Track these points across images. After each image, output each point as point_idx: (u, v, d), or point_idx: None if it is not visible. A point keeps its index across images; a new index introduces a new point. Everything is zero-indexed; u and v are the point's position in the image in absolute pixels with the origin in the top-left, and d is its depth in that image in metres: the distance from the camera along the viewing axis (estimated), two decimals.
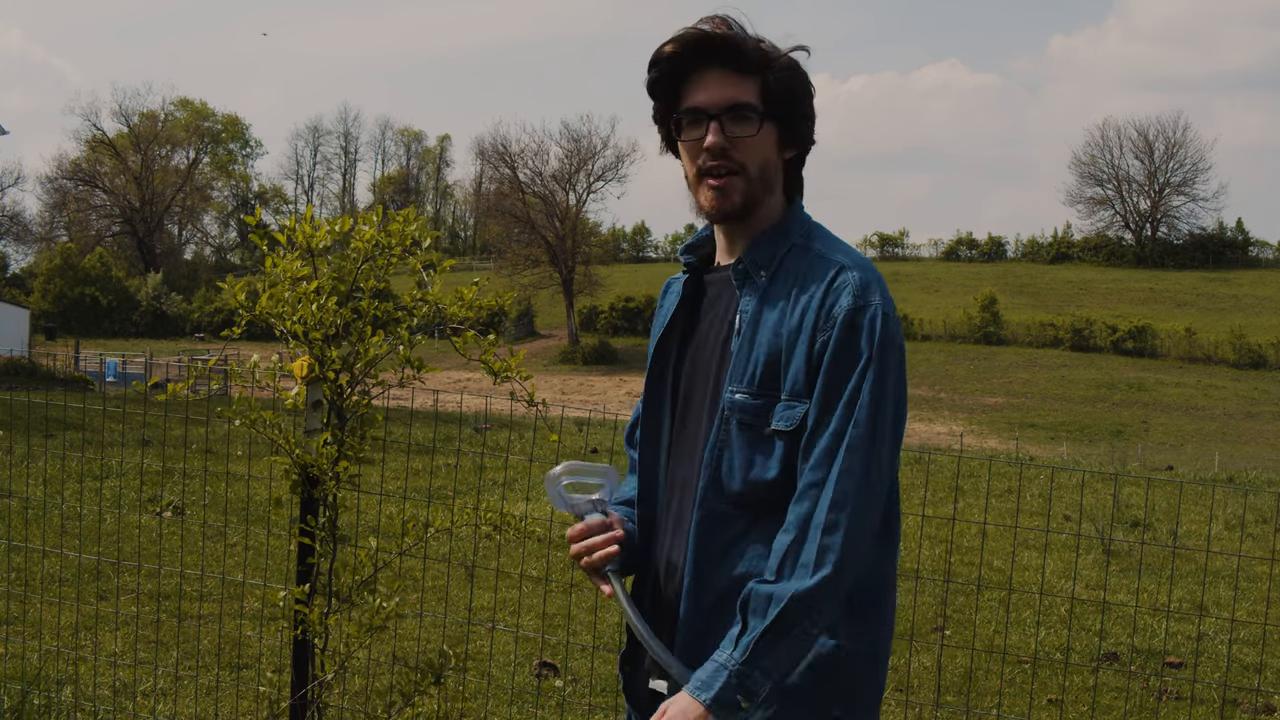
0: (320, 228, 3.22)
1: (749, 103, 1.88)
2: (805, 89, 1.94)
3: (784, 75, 1.90)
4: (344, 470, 3.22)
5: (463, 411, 22.52)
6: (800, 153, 1.98)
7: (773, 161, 1.93)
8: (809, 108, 1.95)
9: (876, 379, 1.78)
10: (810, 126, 1.97)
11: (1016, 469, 17.12)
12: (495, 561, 8.35)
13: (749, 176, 1.90)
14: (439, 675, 3.32)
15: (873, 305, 1.80)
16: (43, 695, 4.65)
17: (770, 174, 1.93)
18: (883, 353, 1.79)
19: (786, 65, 1.91)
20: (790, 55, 1.92)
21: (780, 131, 1.92)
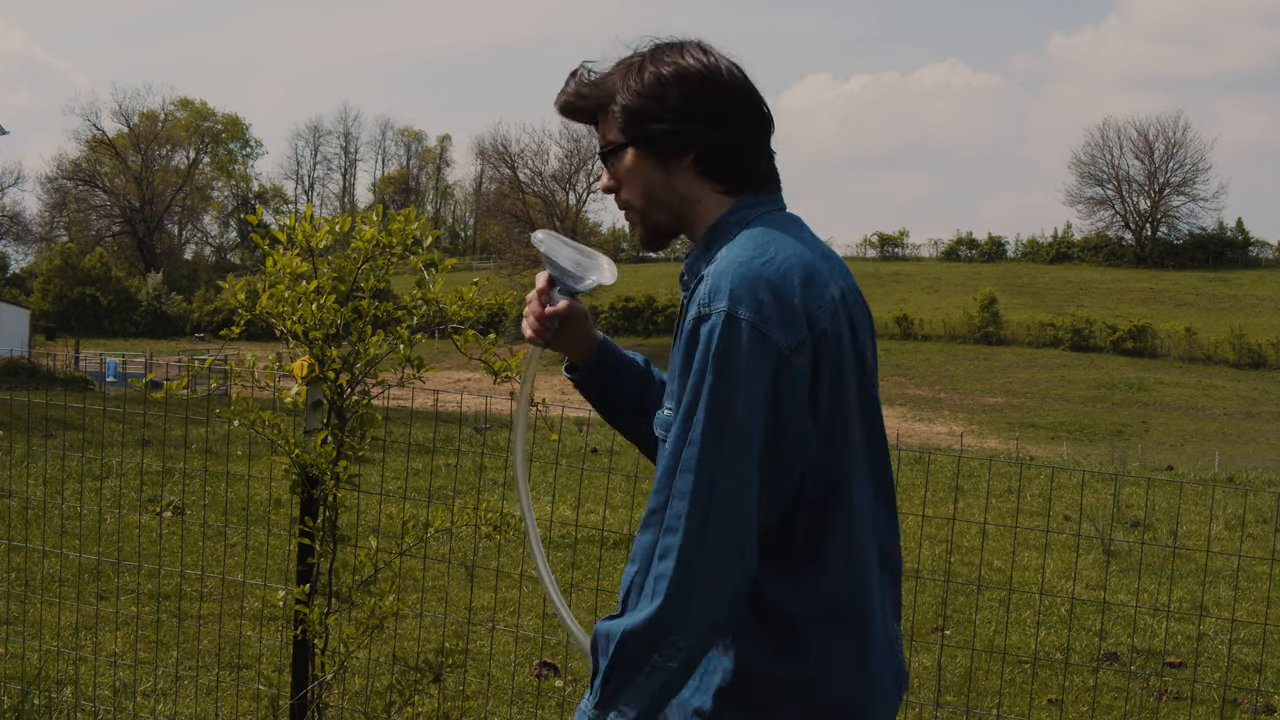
0: (320, 227, 3.22)
1: (610, 140, 1.86)
2: (666, 94, 1.80)
3: (627, 99, 1.82)
4: (344, 470, 3.22)
5: (463, 411, 22.52)
6: (701, 152, 1.82)
7: (657, 181, 1.85)
8: (682, 109, 1.80)
9: (713, 392, 1.65)
10: (690, 127, 1.80)
11: (1016, 469, 17.13)
12: (495, 561, 8.35)
13: (638, 208, 1.88)
14: (438, 675, 3.32)
15: (715, 313, 1.67)
16: (43, 695, 4.65)
17: (660, 194, 1.86)
18: (721, 363, 1.65)
19: (636, 85, 1.82)
20: (654, 66, 1.82)
21: (651, 150, 1.83)
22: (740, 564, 1.66)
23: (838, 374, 1.73)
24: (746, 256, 1.72)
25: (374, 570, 3.31)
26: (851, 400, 1.76)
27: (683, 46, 1.84)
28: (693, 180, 1.85)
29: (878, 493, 1.85)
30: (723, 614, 1.67)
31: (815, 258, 1.77)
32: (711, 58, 1.82)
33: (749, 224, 1.81)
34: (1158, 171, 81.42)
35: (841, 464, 1.75)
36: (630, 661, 1.66)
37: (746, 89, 1.84)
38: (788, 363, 1.66)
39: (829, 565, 1.74)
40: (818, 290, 1.72)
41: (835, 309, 1.74)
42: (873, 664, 1.77)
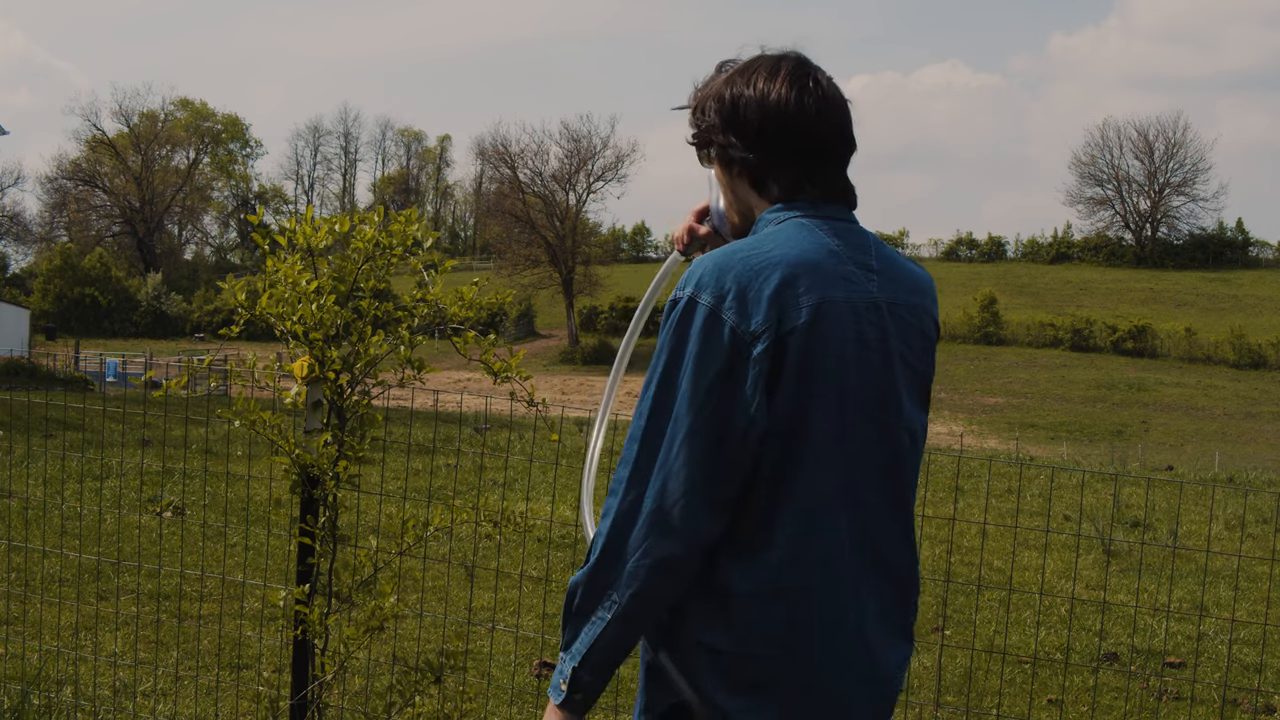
0: (320, 228, 3.22)
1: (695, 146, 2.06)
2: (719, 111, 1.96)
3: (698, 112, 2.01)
4: (344, 470, 3.22)
5: (463, 411, 22.53)
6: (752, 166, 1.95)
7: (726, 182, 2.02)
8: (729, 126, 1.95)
9: (665, 371, 1.79)
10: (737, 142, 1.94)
11: (1016, 469, 17.13)
12: (495, 561, 8.35)
13: (727, 210, 2.07)
14: (439, 675, 3.32)
15: (680, 296, 1.81)
16: (43, 695, 4.65)
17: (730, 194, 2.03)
18: (675, 343, 1.78)
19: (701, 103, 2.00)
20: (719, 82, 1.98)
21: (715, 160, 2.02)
22: (669, 534, 1.77)
23: (811, 372, 1.78)
24: (734, 249, 1.84)
25: (374, 570, 3.31)
26: (831, 405, 1.81)
27: (756, 69, 1.94)
28: (749, 190, 1.98)
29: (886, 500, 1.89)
30: (654, 579, 1.78)
31: (825, 263, 1.84)
32: (774, 91, 1.90)
33: (779, 223, 1.91)
34: (1158, 171, 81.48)
35: (804, 457, 1.80)
36: (578, 612, 1.82)
37: (803, 125, 1.90)
38: (746, 346, 1.75)
39: (778, 548, 1.81)
40: (802, 290, 1.79)
41: (826, 313, 1.80)
42: (818, 654, 1.82)
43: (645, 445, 1.79)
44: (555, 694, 1.85)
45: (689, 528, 1.76)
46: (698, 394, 1.76)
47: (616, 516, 1.79)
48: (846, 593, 1.85)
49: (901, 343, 1.89)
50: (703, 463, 1.76)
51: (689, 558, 1.78)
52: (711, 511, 1.78)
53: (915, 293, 1.96)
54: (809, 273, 1.81)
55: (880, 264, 1.91)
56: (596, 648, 1.80)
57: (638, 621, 1.81)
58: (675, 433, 1.77)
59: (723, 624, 1.81)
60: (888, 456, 1.89)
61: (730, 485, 1.79)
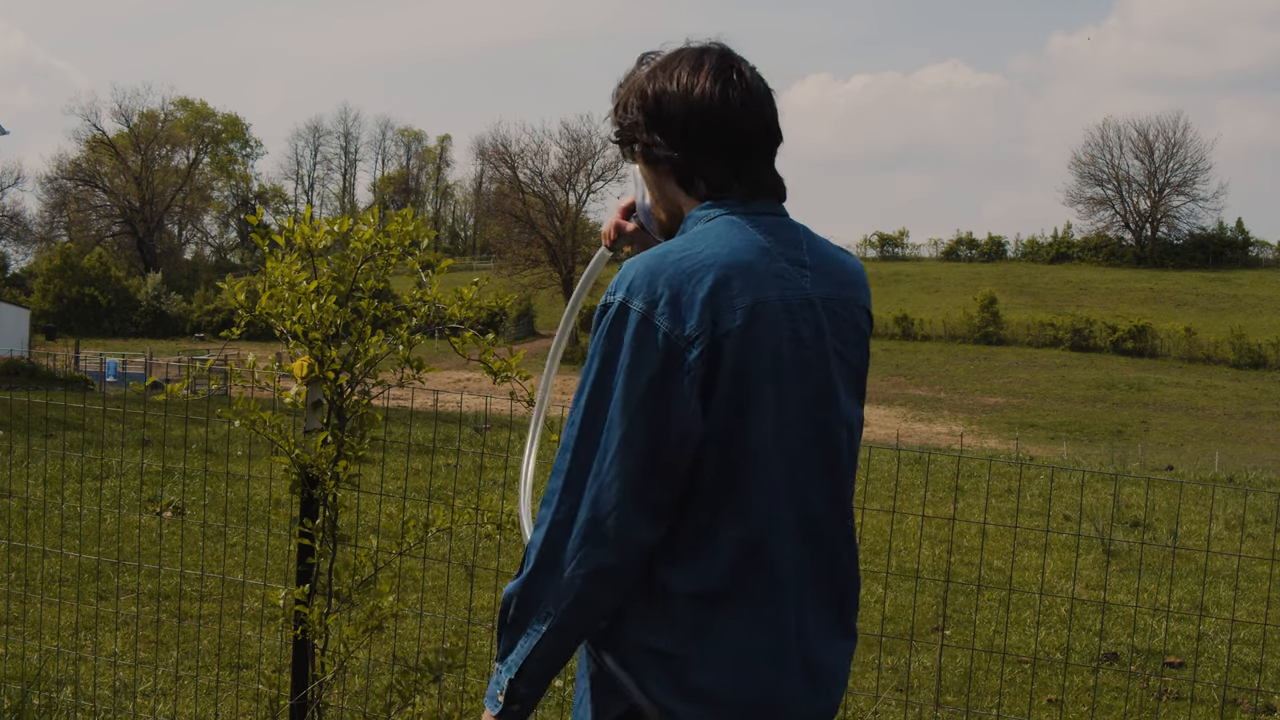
0: (320, 228, 3.22)
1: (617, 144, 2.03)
2: (640, 107, 1.91)
3: (619, 111, 1.96)
4: (344, 470, 3.22)
5: (463, 411, 22.52)
6: (668, 166, 1.91)
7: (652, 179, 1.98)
8: (651, 122, 1.90)
9: (597, 379, 1.76)
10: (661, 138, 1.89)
11: (1016, 469, 17.13)
12: (495, 561, 8.35)
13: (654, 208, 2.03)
14: (438, 675, 3.33)
15: (611, 301, 1.77)
16: (43, 695, 4.65)
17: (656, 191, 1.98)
18: (606, 350, 1.75)
19: (621, 102, 1.96)
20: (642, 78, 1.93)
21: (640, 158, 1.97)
22: (603, 544, 1.73)
23: (748, 374, 1.75)
24: (664, 251, 1.80)
25: (374, 570, 3.31)
26: (769, 407, 1.78)
27: (679, 63, 1.89)
28: (675, 188, 1.94)
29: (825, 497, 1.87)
30: (590, 589, 1.74)
31: (757, 262, 1.80)
32: (697, 86, 1.86)
33: (701, 222, 1.88)
34: (1158, 171, 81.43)
35: (743, 459, 1.78)
36: (513, 623, 1.79)
37: (726, 119, 1.86)
38: (680, 351, 1.72)
39: (721, 552, 1.78)
40: (736, 292, 1.76)
41: (760, 314, 1.77)
42: (761, 657, 1.80)
43: (578, 454, 1.76)
44: (492, 704, 1.82)
45: (625, 537, 1.73)
46: (631, 401, 1.72)
47: (550, 527, 1.76)
48: (790, 595, 1.83)
49: (836, 338, 1.87)
50: (637, 471, 1.73)
51: (625, 567, 1.75)
52: (647, 519, 1.74)
53: (848, 286, 1.92)
54: (742, 273, 1.78)
55: (813, 259, 1.88)
56: (532, 660, 1.78)
57: (574, 632, 1.78)
58: (609, 441, 1.73)
59: (665, 626, 1.78)
60: (827, 454, 1.87)
61: (666, 492, 1.76)
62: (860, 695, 5.82)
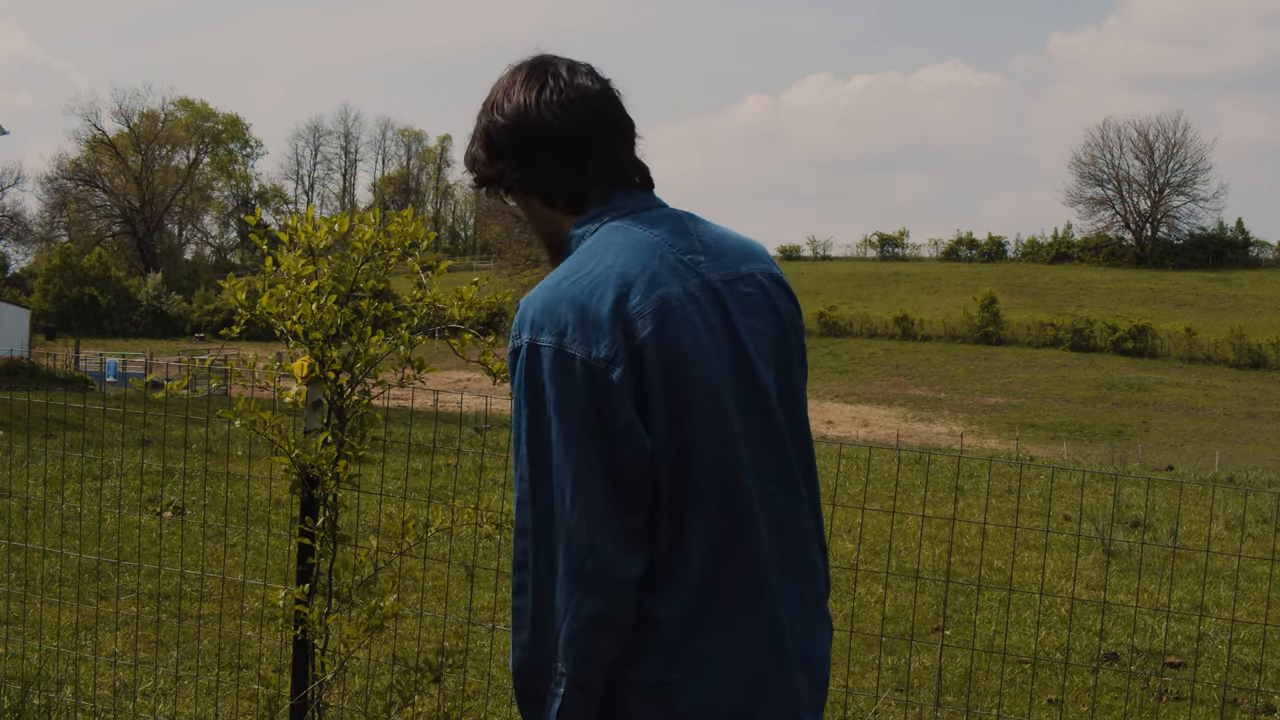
0: (320, 227, 3.22)
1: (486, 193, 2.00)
2: (485, 139, 1.91)
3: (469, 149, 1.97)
4: (344, 470, 3.22)
5: (463, 411, 22.52)
6: (525, 187, 1.90)
7: (526, 211, 1.96)
8: (499, 149, 1.90)
9: (530, 425, 1.70)
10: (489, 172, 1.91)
11: (1016, 469, 17.13)
12: (495, 561, 8.35)
13: (538, 239, 2.00)
14: (439, 675, 3.32)
15: (519, 344, 1.72)
16: (43, 695, 4.65)
17: (534, 221, 1.97)
18: (530, 393, 1.69)
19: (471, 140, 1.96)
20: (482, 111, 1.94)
21: (495, 191, 1.96)
22: (591, 589, 1.67)
23: (676, 379, 1.71)
24: (557, 279, 1.75)
25: (374, 570, 3.31)
26: (701, 402, 1.73)
27: (498, 88, 1.91)
28: (543, 209, 1.91)
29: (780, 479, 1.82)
30: (591, 638, 1.68)
31: (652, 261, 1.76)
32: (512, 103, 1.86)
33: (586, 239, 1.84)
34: (1158, 171, 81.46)
35: (696, 463, 1.72)
36: (528, 695, 1.73)
37: (548, 125, 1.84)
38: (604, 374, 1.66)
39: (694, 564, 1.72)
40: (640, 296, 1.71)
41: (670, 313, 1.72)
42: (754, 662, 1.75)
43: (536, 506, 1.69)
44: None
45: (607, 575, 1.67)
46: (570, 439, 1.66)
47: (534, 587, 1.70)
48: (775, 592, 1.78)
49: (746, 317, 1.81)
50: (600, 505, 1.66)
51: (618, 607, 1.68)
52: (624, 550, 1.68)
53: (746, 259, 1.87)
54: (640, 277, 1.73)
55: (704, 242, 1.83)
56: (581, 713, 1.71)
57: (590, 685, 1.70)
58: (562, 484, 1.67)
59: (655, 654, 1.72)
60: (768, 434, 1.81)
61: (634, 516, 1.69)
62: (860, 695, 5.82)
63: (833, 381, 53.32)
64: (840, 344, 62.62)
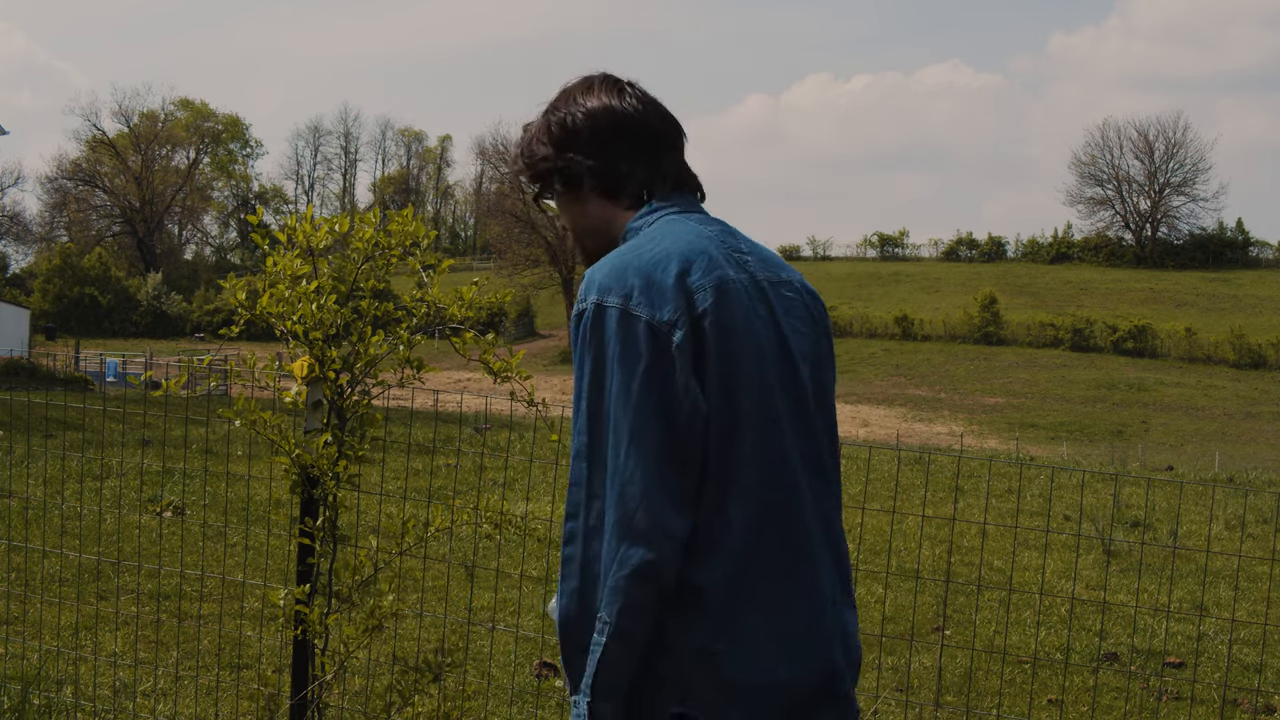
0: (320, 227, 3.22)
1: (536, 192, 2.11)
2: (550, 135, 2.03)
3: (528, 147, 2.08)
4: (344, 470, 3.22)
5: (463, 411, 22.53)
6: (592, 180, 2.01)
7: (576, 211, 2.05)
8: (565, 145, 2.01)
9: (592, 381, 1.78)
10: (579, 159, 2.00)
11: (1016, 469, 17.13)
12: (495, 561, 8.36)
13: (575, 237, 2.10)
14: (438, 675, 3.33)
15: (585, 307, 1.81)
16: (43, 695, 4.65)
17: (582, 222, 2.05)
18: (595, 351, 1.78)
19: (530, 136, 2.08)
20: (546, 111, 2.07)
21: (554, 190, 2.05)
22: (640, 540, 1.73)
23: (731, 351, 1.80)
24: (621, 252, 1.87)
25: (374, 570, 3.31)
26: (751, 378, 1.82)
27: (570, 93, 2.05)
28: (602, 204, 2.02)
29: (813, 469, 1.90)
30: (637, 589, 1.74)
31: (710, 248, 1.88)
32: (593, 100, 2.01)
33: (647, 227, 1.96)
34: (1158, 171, 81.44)
35: (742, 433, 1.81)
36: (573, 644, 1.78)
37: (631, 119, 2.00)
38: (665, 336, 1.76)
39: (735, 535, 1.80)
40: (701, 273, 1.82)
41: (728, 292, 1.83)
42: (798, 635, 1.82)
43: (592, 460, 1.77)
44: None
45: (657, 529, 1.73)
46: (632, 395, 1.74)
47: (583, 537, 1.77)
48: (816, 565, 1.86)
49: (788, 316, 1.93)
50: (654, 460, 1.74)
51: (665, 558, 1.74)
52: (673, 507, 1.75)
53: (786, 269, 2.00)
54: (699, 258, 1.84)
55: (748, 247, 1.97)
56: (602, 673, 1.75)
57: (633, 637, 1.75)
58: (619, 439, 1.75)
59: (702, 622, 1.78)
60: (810, 428, 1.91)
61: (686, 477, 1.77)
62: (860, 695, 5.81)
63: None
64: (840, 344, 62.60)
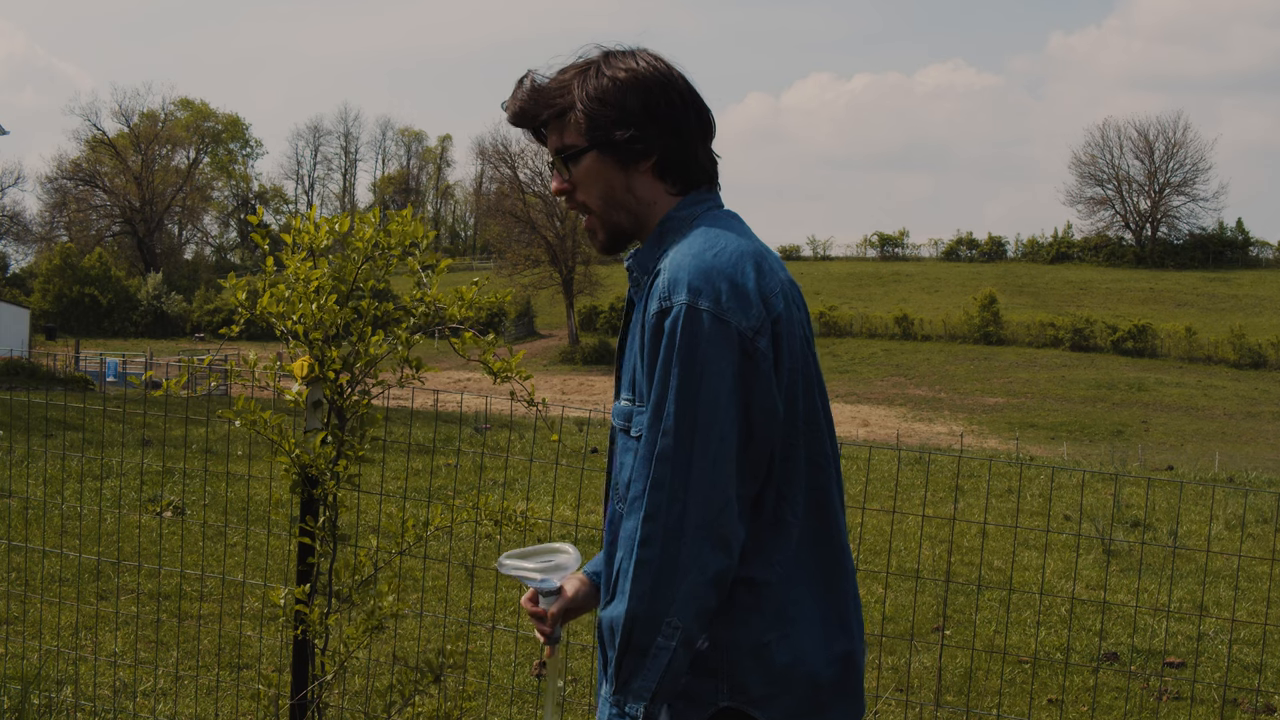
0: (321, 228, 3.22)
1: (566, 145, 1.95)
2: (628, 99, 1.88)
3: (595, 101, 1.90)
4: (344, 470, 3.22)
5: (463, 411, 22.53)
6: (660, 156, 1.92)
7: (617, 183, 1.93)
8: (643, 114, 1.89)
9: (682, 382, 1.73)
10: (651, 132, 1.89)
11: (1016, 469, 17.13)
12: (495, 561, 8.34)
13: (597, 211, 1.95)
14: (439, 675, 3.33)
15: (676, 305, 1.75)
16: (43, 695, 4.65)
17: (619, 196, 1.94)
18: (687, 353, 1.74)
19: (595, 91, 1.90)
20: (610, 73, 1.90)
21: (614, 154, 1.91)
22: (719, 547, 1.74)
23: (791, 351, 1.82)
24: (698, 250, 1.81)
25: (374, 570, 3.31)
26: (800, 374, 1.84)
27: (634, 53, 1.92)
28: (651, 183, 1.94)
29: (836, 461, 1.94)
30: (710, 595, 1.75)
31: (761, 248, 1.88)
32: (663, 64, 1.91)
33: (696, 219, 1.91)
34: (1158, 171, 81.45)
35: (800, 434, 1.84)
36: (636, 647, 1.75)
37: (695, 94, 1.94)
38: (751, 344, 1.76)
39: (790, 531, 1.83)
40: (769, 276, 1.82)
41: (785, 292, 1.84)
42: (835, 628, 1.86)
43: (677, 462, 1.74)
44: None
45: (734, 537, 1.75)
46: (720, 401, 1.73)
47: (663, 541, 1.74)
48: (847, 563, 1.91)
49: (802, 313, 1.93)
50: (737, 468, 1.75)
51: (734, 564, 1.76)
52: (743, 515, 1.77)
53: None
54: (763, 261, 1.84)
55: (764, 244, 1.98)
56: (666, 679, 1.75)
57: (694, 641, 1.76)
58: (708, 443, 1.73)
59: (756, 617, 1.80)
60: (830, 425, 1.94)
61: (753, 484, 1.79)
62: None
63: (833, 381, 53.30)
64: (840, 344, 62.64)
